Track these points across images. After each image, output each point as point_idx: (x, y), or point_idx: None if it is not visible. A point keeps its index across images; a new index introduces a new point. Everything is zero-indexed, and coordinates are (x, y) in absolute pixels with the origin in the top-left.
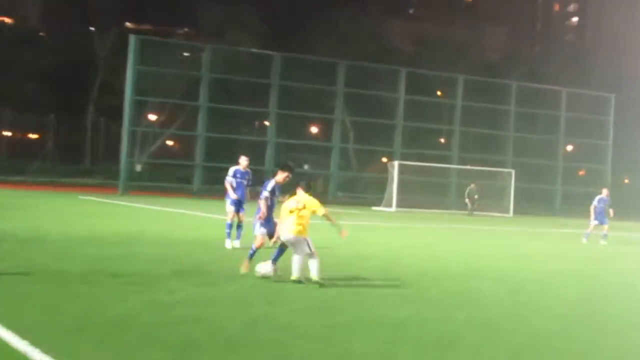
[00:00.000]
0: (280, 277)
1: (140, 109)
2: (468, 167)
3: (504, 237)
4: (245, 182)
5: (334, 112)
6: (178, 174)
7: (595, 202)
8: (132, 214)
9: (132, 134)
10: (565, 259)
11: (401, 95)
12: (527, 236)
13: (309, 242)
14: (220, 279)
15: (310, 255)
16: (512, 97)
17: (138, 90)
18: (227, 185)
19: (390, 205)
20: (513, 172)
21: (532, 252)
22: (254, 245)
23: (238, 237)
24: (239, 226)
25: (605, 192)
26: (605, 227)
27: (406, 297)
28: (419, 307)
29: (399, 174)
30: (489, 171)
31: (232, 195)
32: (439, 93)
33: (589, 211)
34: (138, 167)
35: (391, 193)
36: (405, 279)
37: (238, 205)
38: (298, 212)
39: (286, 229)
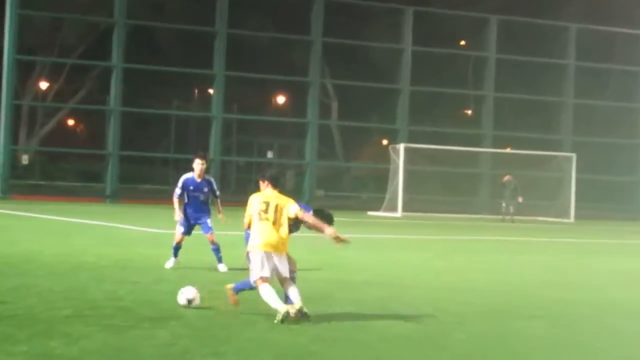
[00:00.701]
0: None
1: (26, 73)
2: (508, 150)
3: (561, 252)
4: (202, 196)
5: (309, 74)
6: (83, 168)
7: None
8: (17, 227)
9: (15, 111)
10: None
11: (407, 46)
12: (596, 251)
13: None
14: (144, 319)
15: (293, 278)
16: (571, 46)
17: (22, 46)
18: (175, 201)
19: (394, 209)
20: (574, 156)
21: (603, 275)
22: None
23: (219, 260)
24: (216, 249)
25: None
26: None
27: (417, 345)
28: None
29: (406, 163)
30: (539, 156)
31: (177, 214)
32: (462, 42)
33: None
34: (25, 159)
35: (395, 191)
36: (415, 317)
37: (190, 226)
38: (274, 218)
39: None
